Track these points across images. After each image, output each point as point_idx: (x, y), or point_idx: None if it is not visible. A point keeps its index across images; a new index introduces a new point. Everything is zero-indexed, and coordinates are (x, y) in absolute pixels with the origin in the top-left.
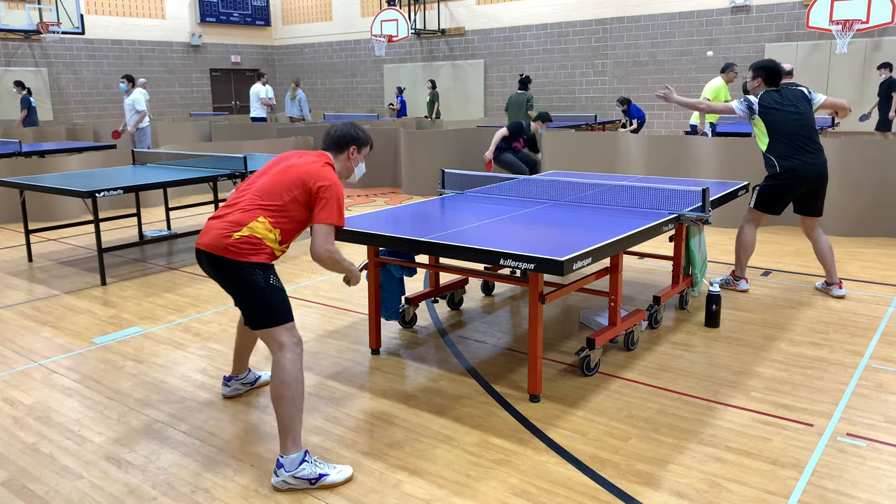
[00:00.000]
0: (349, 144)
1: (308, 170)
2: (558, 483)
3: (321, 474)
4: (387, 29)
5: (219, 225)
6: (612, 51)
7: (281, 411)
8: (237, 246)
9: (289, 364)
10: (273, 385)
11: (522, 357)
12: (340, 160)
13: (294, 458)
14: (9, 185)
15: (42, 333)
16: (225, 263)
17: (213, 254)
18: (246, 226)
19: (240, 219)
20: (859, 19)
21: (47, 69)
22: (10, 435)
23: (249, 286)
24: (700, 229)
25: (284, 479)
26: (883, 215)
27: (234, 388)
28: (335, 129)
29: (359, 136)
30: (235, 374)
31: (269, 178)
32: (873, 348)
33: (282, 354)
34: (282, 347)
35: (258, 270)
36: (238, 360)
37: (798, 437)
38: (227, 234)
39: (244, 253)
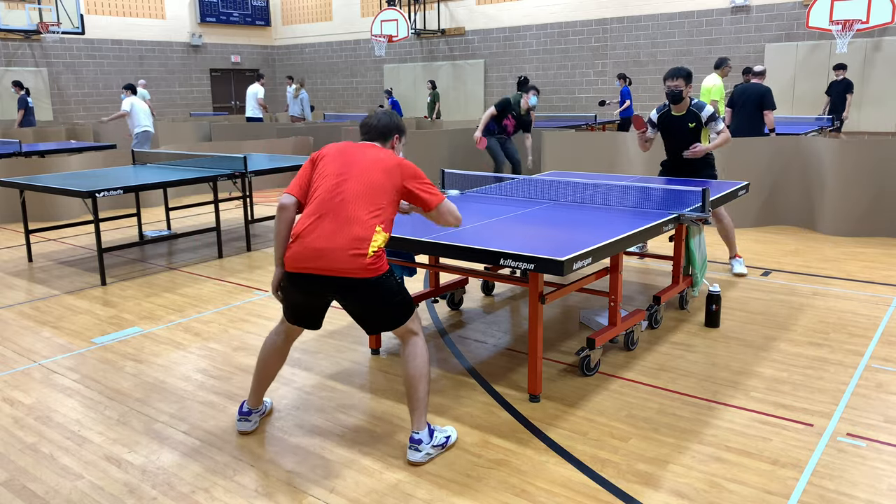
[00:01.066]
0: (393, 133)
1: (385, 165)
2: (558, 483)
3: (447, 437)
4: (387, 29)
5: (336, 246)
6: (612, 51)
7: (420, 389)
8: (374, 263)
9: (423, 348)
10: (413, 367)
11: (522, 357)
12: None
13: (426, 432)
14: (9, 185)
15: (42, 333)
16: (362, 284)
17: (346, 278)
18: (370, 240)
19: (362, 234)
20: (859, 19)
21: (47, 69)
22: (10, 435)
23: (392, 294)
24: (700, 229)
25: (427, 451)
26: (883, 215)
27: (255, 423)
28: (378, 120)
29: (401, 126)
30: (254, 406)
31: (360, 184)
32: (873, 348)
33: (417, 339)
34: (416, 334)
35: (392, 277)
36: (258, 391)
37: (798, 437)
38: (358, 254)
39: (378, 268)
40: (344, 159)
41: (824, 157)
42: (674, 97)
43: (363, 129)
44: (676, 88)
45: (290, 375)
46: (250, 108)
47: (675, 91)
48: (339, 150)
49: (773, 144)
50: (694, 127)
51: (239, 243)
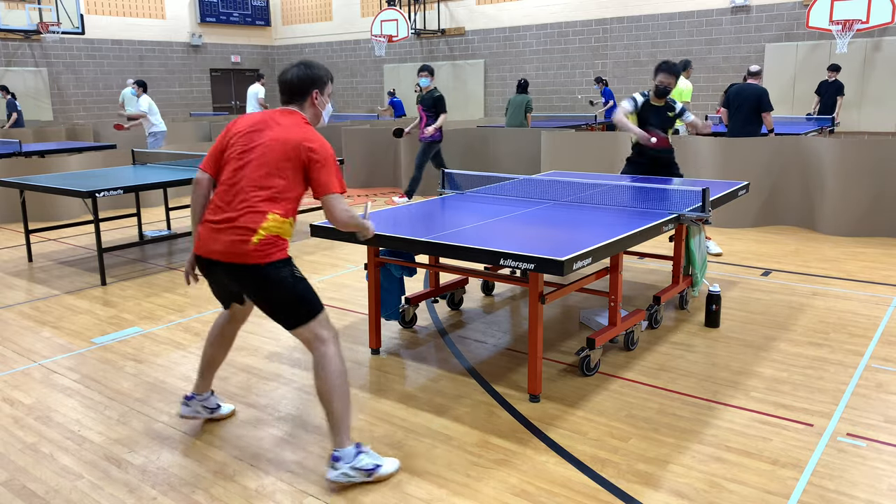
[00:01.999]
0: (310, 88)
1: (289, 138)
2: (558, 483)
3: (376, 465)
4: (387, 29)
5: (228, 231)
6: (612, 51)
7: (333, 407)
8: (260, 248)
9: (335, 358)
10: (321, 381)
11: (522, 357)
12: (307, 109)
13: (350, 450)
14: (9, 185)
15: (42, 333)
16: (249, 269)
17: (232, 263)
18: (260, 226)
19: (250, 221)
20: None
21: (47, 69)
22: (10, 435)
23: (281, 285)
24: (700, 229)
25: (344, 471)
26: (883, 215)
27: (195, 410)
28: (290, 75)
29: (318, 76)
30: (199, 391)
31: (257, 163)
32: (873, 348)
33: (325, 349)
34: (324, 342)
35: (285, 268)
36: (205, 375)
37: (798, 437)
38: (244, 240)
39: (266, 254)
40: (250, 137)
41: (824, 157)
42: (663, 92)
43: (280, 89)
44: (669, 86)
45: (290, 375)
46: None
47: (667, 88)
48: (248, 126)
49: (773, 144)
50: (672, 116)
51: None
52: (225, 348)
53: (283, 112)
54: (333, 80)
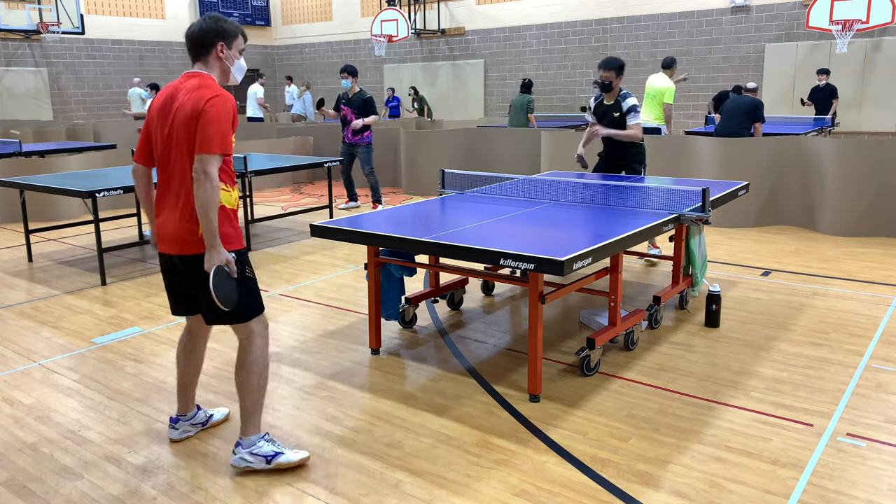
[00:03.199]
0: (214, 41)
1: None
2: (558, 483)
3: (276, 452)
4: (387, 29)
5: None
6: (612, 51)
7: (246, 396)
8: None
9: (258, 351)
10: (241, 371)
11: (522, 357)
12: (212, 65)
13: (252, 438)
14: (9, 185)
15: (42, 333)
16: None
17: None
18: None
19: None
20: (859, 19)
21: (47, 69)
22: (10, 435)
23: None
24: (700, 229)
25: (242, 455)
26: (883, 215)
27: (184, 431)
28: (193, 28)
29: (223, 29)
30: (183, 412)
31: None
32: (873, 348)
33: (251, 341)
34: (251, 334)
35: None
36: (184, 392)
37: (798, 437)
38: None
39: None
40: (162, 114)
41: (824, 157)
42: (603, 87)
43: (186, 44)
44: (606, 80)
45: (290, 375)
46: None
47: (605, 82)
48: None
49: (772, 144)
50: (618, 116)
51: None
52: (195, 362)
53: (187, 76)
54: (246, 37)
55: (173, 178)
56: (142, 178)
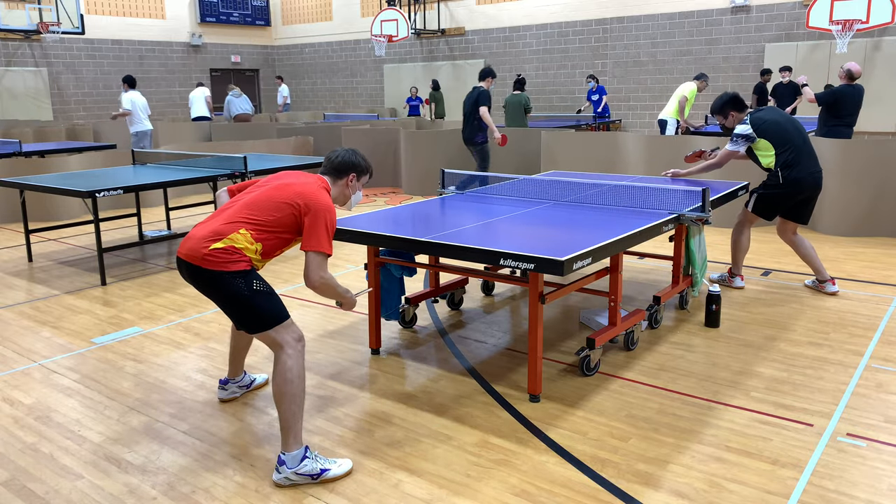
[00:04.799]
0: (349, 171)
1: (302, 191)
2: (558, 483)
3: (322, 469)
4: (387, 29)
5: (199, 234)
6: (612, 51)
7: (283, 409)
8: (215, 255)
9: (290, 361)
10: (275, 384)
11: (522, 357)
12: (339, 186)
13: (296, 454)
14: (9, 185)
15: (42, 333)
16: (203, 273)
17: (191, 263)
18: (226, 237)
19: (221, 230)
20: (859, 19)
21: (47, 69)
22: (10, 435)
23: (232, 295)
24: (700, 229)
25: (287, 475)
26: (883, 215)
27: (231, 392)
28: (336, 155)
29: (359, 164)
30: (232, 376)
31: (262, 194)
32: (873, 348)
33: (283, 353)
34: (282, 347)
35: (239, 279)
36: (234, 362)
37: (798, 437)
38: (204, 245)
39: (221, 263)
40: (276, 177)
41: (824, 157)
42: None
43: (325, 163)
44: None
45: None
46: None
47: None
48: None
49: None
50: None
51: None
52: (247, 338)
53: (315, 176)
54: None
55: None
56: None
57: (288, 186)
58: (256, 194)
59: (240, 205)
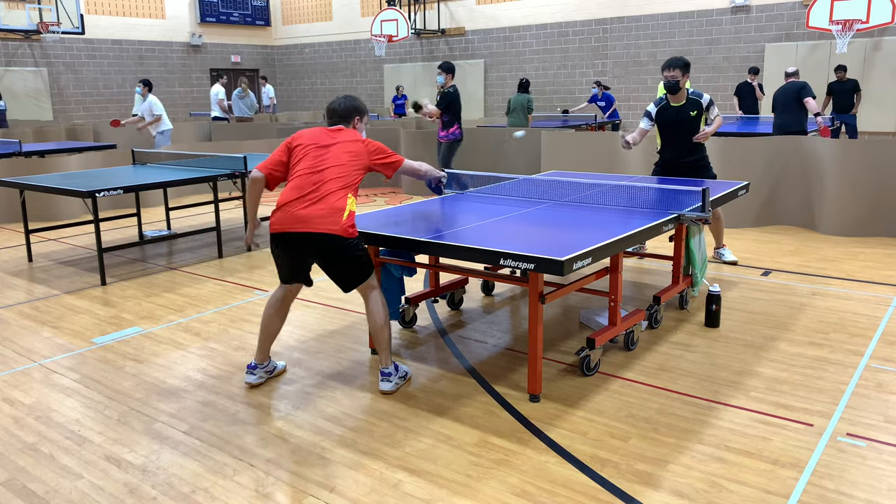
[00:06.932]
0: (353, 115)
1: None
2: (558, 483)
3: (406, 371)
4: (387, 29)
5: (320, 212)
6: (612, 51)
7: (384, 333)
8: (350, 227)
9: (382, 300)
10: (377, 316)
11: (522, 357)
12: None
13: (393, 367)
14: (9, 185)
15: (42, 333)
16: (339, 242)
17: (328, 234)
18: (346, 208)
19: (339, 204)
20: (859, 19)
21: (47, 69)
22: (10, 435)
23: (359, 256)
24: (700, 229)
25: (395, 382)
26: (883, 215)
27: (260, 377)
28: (339, 104)
29: (360, 107)
30: (260, 361)
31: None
32: (873, 348)
33: (377, 293)
34: (374, 288)
35: (358, 242)
36: (263, 348)
37: (798, 437)
38: (336, 219)
39: (353, 231)
40: (319, 143)
41: (824, 157)
42: (672, 87)
43: (329, 114)
44: (673, 79)
45: (291, 375)
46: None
47: (671, 82)
48: (313, 136)
49: (772, 144)
50: (695, 115)
51: (239, 243)
52: (281, 319)
53: (338, 128)
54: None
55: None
56: (261, 184)
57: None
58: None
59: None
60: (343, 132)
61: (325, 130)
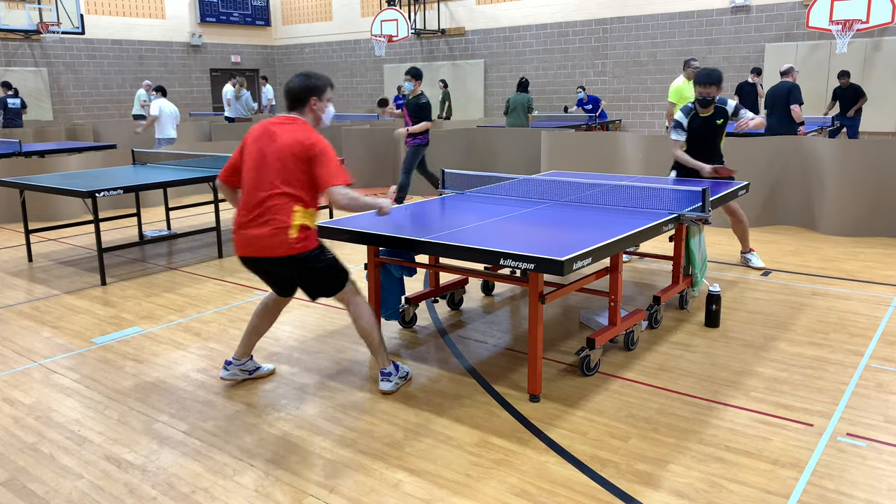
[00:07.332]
0: (309, 96)
1: (293, 141)
2: (558, 483)
3: (407, 371)
4: (387, 29)
5: (266, 234)
6: (612, 51)
7: (374, 338)
8: (298, 242)
9: (363, 307)
10: (362, 325)
11: (522, 357)
12: (306, 114)
13: (392, 366)
14: (9, 185)
15: (42, 333)
16: (291, 262)
17: (276, 257)
18: (292, 224)
19: (284, 222)
20: (859, 19)
21: (47, 69)
22: (10, 435)
23: (319, 270)
24: (700, 229)
25: (396, 381)
26: (883, 215)
27: (233, 374)
28: (293, 84)
29: (315, 86)
30: (238, 357)
31: (275, 169)
32: (873, 348)
33: (357, 300)
34: (354, 295)
35: (318, 254)
36: (246, 343)
37: (798, 437)
38: (282, 239)
39: (305, 245)
40: (259, 146)
41: (824, 157)
42: (704, 103)
43: (284, 96)
44: (708, 95)
45: (290, 375)
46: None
47: (706, 98)
48: (255, 137)
49: (773, 144)
50: (722, 123)
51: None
52: (269, 319)
53: (285, 119)
54: (333, 85)
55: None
56: (227, 190)
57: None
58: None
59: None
60: (289, 127)
61: (269, 126)
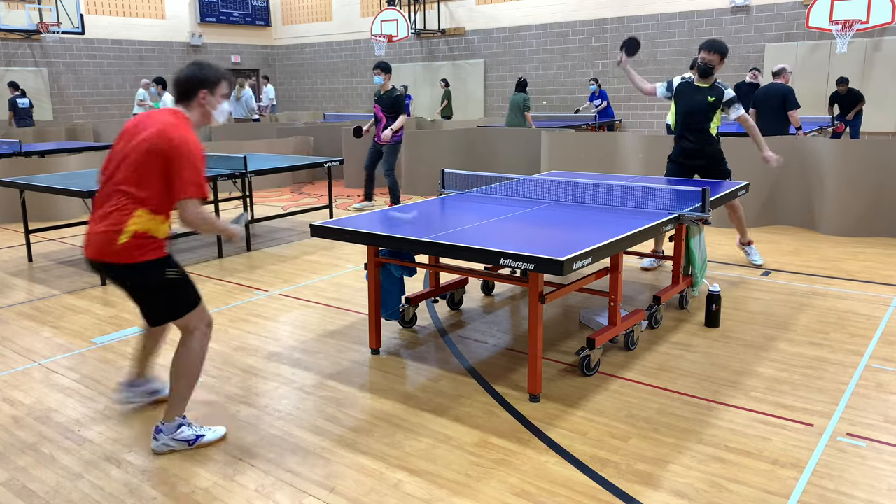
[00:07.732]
0: (197, 89)
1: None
2: (558, 483)
3: (198, 435)
4: (387, 29)
5: (98, 230)
6: (612, 51)
7: (179, 385)
8: (128, 249)
9: (195, 344)
10: (177, 361)
11: (522, 357)
12: (193, 108)
13: (173, 424)
14: (9, 185)
15: (42, 333)
16: (118, 271)
17: (105, 262)
18: (125, 225)
19: (118, 220)
20: (859, 19)
21: (47, 69)
22: (10, 435)
23: (155, 288)
24: (700, 229)
25: (164, 442)
26: (883, 215)
27: (127, 397)
28: (180, 75)
29: (206, 77)
30: (132, 379)
31: (125, 164)
32: (873, 348)
33: (190, 337)
34: (190, 331)
35: (151, 269)
36: (136, 364)
37: (798, 437)
38: (111, 239)
39: (134, 255)
40: (124, 138)
41: (824, 157)
42: (704, 71)
43: (173, 88)
44: (710, 63)
45: (290, 375)
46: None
47: (706, 65)
48: (129, 126)
49: (773, 145)
50: (713, 101)
51: (239, 243)
52: (154, 341)
53: (166, 111)
54: (231, 80)
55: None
56: None
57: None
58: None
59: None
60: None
61: (145, 117)
